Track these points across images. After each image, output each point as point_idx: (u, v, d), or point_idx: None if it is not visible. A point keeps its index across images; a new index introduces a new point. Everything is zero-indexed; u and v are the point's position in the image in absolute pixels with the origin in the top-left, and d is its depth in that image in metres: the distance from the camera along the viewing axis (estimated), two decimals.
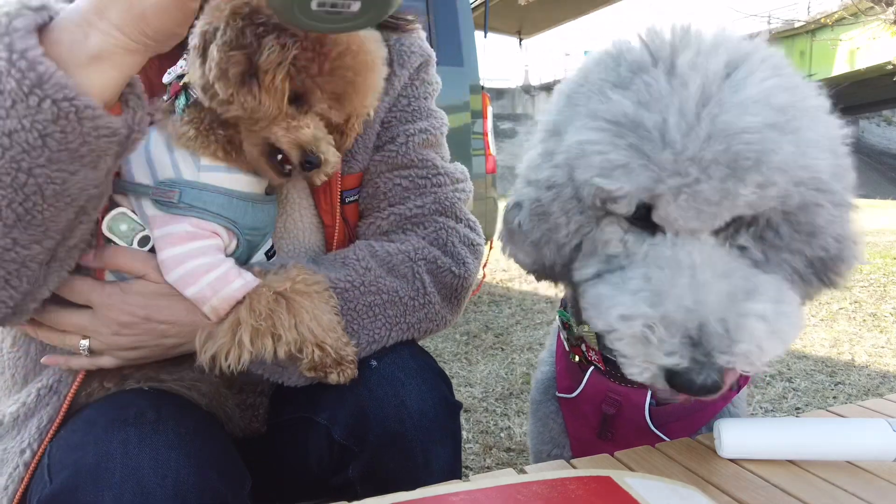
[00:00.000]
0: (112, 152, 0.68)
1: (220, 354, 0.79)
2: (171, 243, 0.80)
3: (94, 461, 0.70)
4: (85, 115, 0.62)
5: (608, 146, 0.61)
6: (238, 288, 0.80)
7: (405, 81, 1.01)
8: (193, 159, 0.82)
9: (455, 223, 1.01)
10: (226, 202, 0.83)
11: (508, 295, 4.61)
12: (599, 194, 0.63)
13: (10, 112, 0.61)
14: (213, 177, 0.82)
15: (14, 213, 0.65)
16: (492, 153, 4.17)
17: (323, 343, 0.81)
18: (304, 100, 0.78)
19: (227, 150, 0.82)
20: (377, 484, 0.87)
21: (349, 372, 0.85)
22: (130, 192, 0.82)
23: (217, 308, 0.80)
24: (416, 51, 1.02)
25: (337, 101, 0.80)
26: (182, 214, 0.80)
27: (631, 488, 0.62)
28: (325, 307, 0.84)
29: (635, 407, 0.85)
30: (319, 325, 0.81)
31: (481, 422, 2.48)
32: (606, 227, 0.68)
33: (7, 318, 0.75)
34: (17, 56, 0.60)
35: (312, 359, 0.81)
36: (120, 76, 0.67)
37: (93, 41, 0.63)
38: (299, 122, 0.78)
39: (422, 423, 0.87)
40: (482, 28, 5.05)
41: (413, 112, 1.02)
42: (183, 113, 0.81)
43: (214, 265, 0.80)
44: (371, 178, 1.01)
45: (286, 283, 0.82)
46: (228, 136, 0.81)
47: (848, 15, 14.75)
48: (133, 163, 0.82)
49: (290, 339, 0.80)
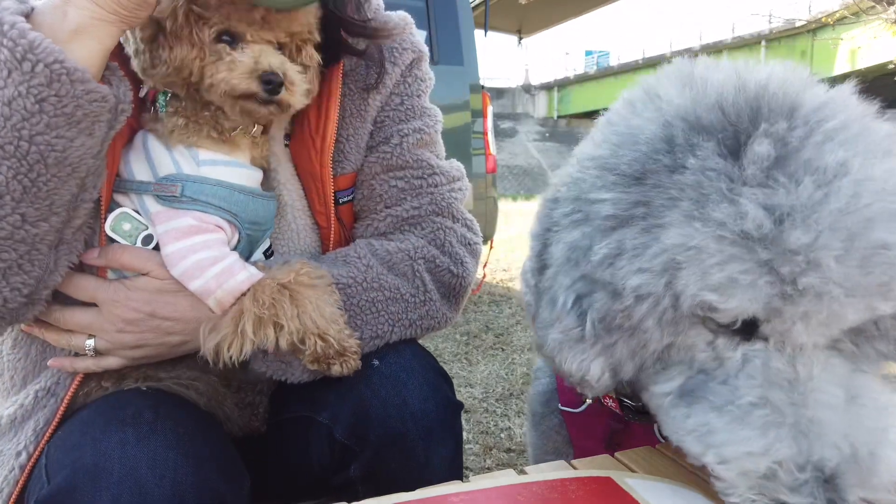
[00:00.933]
0: (104, 119, 0.72)
1: (223, 345, 0.79)
2: (175, 238, 0.80)
3: (91, 461, 0.70)
4: (76, 77, 0.67)
5: (728, 258, 0.51)
6: (243, 280, 0.81)
7: (397, 79, 1.00)
8: (192, 154, 0.83)
9: (452, 223, 1.01)
10: (227, 195, 0.83)
11: (508, 295, 4.61)
12: (702, 306, 0.54)
13: (8, 81, 0.66)
14: (212, 170, 0.83)
15: (21, 184, 0.68)
16: (492, 152, 4.17)
17: (325, 334, 0.81)
18: (234, 36, 0.80)
19: (218, 129, 0.84)
20: (378, 483, 0.87)
21: (352, 363, 0.84)
22: (132, 190, 0.83)
23: (221, 300, 0.81)
24: (407, 47, 1.01)
25: (263, 21, 0.80)
26: (185, 209, 0.81)
27: (631, 489, 0.62)
28: (329, 299, 0.84)
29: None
30: (322, 316, 0.82)
31: (481, 422, 2.48)
32: (690, 331, 0.58)
33: (21, 308, 0.76)
34: (8, 27, 0.66)
35: (315, 350, 0.81)
36: (100, 47, 0.72)
37: (71, 16, 0.70)
38: (234, 55, 0.79)
39: (423, 422, 0.87)
40: (482, 27, 5.05)
41: (406, 111, 1.00)
42: (165, 109, 0.83)
43: (219, 258, 0.81)
44: (366, 179, 1.00)
45: (290, 275, 0.82)
46: (213, 113, 0.83)
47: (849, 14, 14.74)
48: (133, 162, 0.83)
49: (293, 329, 0.80)
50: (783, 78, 0.58)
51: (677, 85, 0.62)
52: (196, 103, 0.83)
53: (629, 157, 0.59)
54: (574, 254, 0.61)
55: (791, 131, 0.54)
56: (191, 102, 0.83)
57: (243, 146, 0.87)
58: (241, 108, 0.81)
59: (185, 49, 0.78)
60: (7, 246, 0.71)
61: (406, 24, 1.02)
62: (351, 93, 0.97)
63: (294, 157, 0.98)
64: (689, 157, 0.55)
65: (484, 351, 3.34)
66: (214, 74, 0.79)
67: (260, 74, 0.78)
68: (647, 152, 0.58)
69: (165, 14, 0.77)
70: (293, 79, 0.81)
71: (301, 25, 0.84)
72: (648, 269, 0.55)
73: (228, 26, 0.79)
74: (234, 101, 0.80)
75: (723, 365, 0.58)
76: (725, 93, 0.57)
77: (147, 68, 0.80)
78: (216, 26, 0.79)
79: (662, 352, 0.60)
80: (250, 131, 0.87)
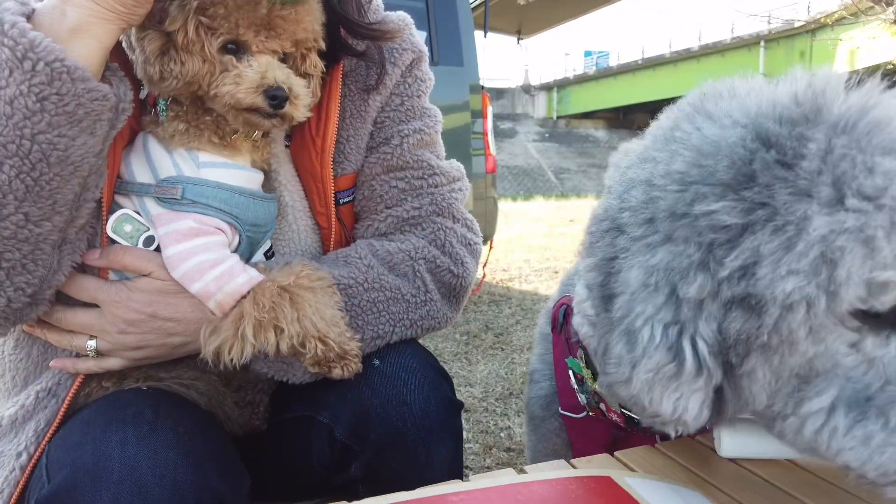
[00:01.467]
0: (106, 118, 0.72)
1: (224, 348, 0.79)
2: (175, 240, 0.80)
3: (92, 461, 0.70)
4: (76, 75, 0.67)
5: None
6: (243, 283, 0.80)
7: (397, 79, 1.00)
8: (192, 157, 0.83)
9: (452, 223, 1.01)
10: (228, 197, 0.83)
11: (508, 295, 4.61)
12: (862, 297, 0.50)
13: (9, 81, 0.66)
14: (212, 172, 0.83)
15: (23, 183, 0.69)
16: (492, 153, 4.17)
17: (325, 337, 0.81)
18: (240, 46, 0.80)
19: (219, 134, 0.84)
20: (379, 483, 0.87)
21: (353, 366, 0.84)
22: (133, 192, 0.83)
23: (222, 303, 0.81)
24: (407, 47, 1.01)
25: (269, 31, 0.80)
26: (186, 211, 0.81)
27: (631, 488, 0.62)
28: (329, 302, 0.84)
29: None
30: (322, 319, 0.81)
31: (481, 422, 2.48)
32: (830, 335, 0.52)
33: (25, 308, 0.76)
34: (9, 27, 0.66)
35: (316, 353, 0.81)
36: (99, 45, 0.72)
37: (70, 15, 0.70)
38: (240, 68, 0.78)
39: (424, 422, 0.87)
40: (482, 28, 5.05)
41: (406, 111, 1.01)
42: (165, 113, 0.83)
43: (219, 261, 0.81)
44: (366, 180, 1.00)
45: (290, 277, 0.82)
46: (215, 119, 0.83)
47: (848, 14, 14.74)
48: (134, 164, 0.83)
49: (293, 333, 0.80)
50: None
51: (730, 95, 0.61)
52: (198, 108, 0.83)
53: (725, 164, 0.55)
54: (654, 278, 0.56)
55: None
56: (192, 108, 0.83)
57: (244, 149, 0.87)
58: (245, 119, 0.81)
59: (196, 64, 0.77)
60: (11, 245, 0.71)
61: (405, 25, 1.02)
62: (351, 93, 0.97)
63: (294, 158, 0.98)
64: (805, 144, 0.52)
65: (484, 351, 3.34)
66: (220, 86, 0.78)
67: (266, 89, 0.78)
68: (743, 155, 0.54)
69: (176, 26, 0.76)
70: (298, 93, 0.81)
71: (307, 32, 0.83)
72: (798, 271, 0.49)
73: (236, 36, 0.78)
74: (238, 113, 0.80)
75: (873, 366, 0.52)
76: (795, 86, 0.56)
77: (155, 80, 0.79)
78: (223, 36, 0.78)
79: (802, 367, 0.54)
80: (251, 135, 0.87)
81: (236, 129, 0.85)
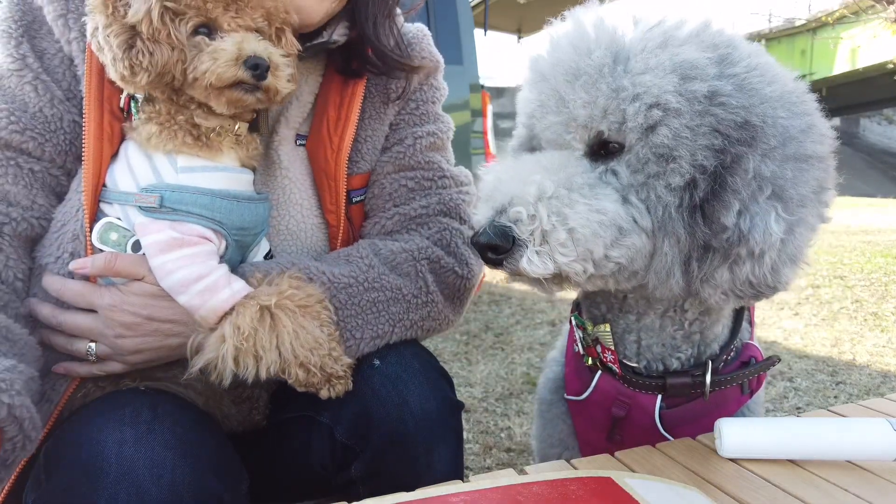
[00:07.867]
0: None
1: (209, 368, 0.79)
2: (159, 250, 0.79)
3: (89, 460, 0.70)
4: None
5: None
6: (225, 299, 0.79)
7: (415, 86, 1.04)
8: (171, 162, 0.82)
9: (459, 224, 1.01)
10: (209, 202, 0.82)
11: (508, 295, 4.61)
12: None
13: None
14: (191, 177, 0.82)
15: None
16: (492, 152, 4.16)
17: (307, 364, 0.80)
18: (211, 27, 0.78)
19: (194, 134, 0.82)
20: (380, 483, 0.87)
21: (339, 388, 0.83)
22: (117, 201, 0.82)
23: (205, 318, 0.80)
24: (426, 56, 1.05)
25: (238, 4, 0.78)
26: (166, 219, 0.80)
27: (631, 489, 0.62)
28: (313, 323, 0.82)
29: (644, 410, 0.84)
30: (303, 345, 0.80)
31: (481, 422, 2.48)
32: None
33: None
34: None
35: (297, 379, 0.81)
36: None
37: None
38: (215, 45, 0.77)
39: (425, 422, 0.87)
40: (482, 26, 5.04)
41: (421, 115, 1.04)
42: (138, 114, 0.82)
43: (203, 275, 0.79)
44: (377, 178, 1.02)
45: (274, 296, 0.80)
46: (188, 118, 0.82)
47: (849, 13, 14.74)
48: (117, 172, 0.83)
49: (271, 360, 0.78)
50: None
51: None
52: (172, 105, 0.81)
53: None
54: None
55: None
56: (166, 105, 0.81)
57: (225, 148, 0.85)
58: (228, 98, 0.79)
59: (165, 52, 0.75)
60: None
61: (424, 36, 1.07)
62: (371, 96, 1.00)
63: (309, 155, 0.98)
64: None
65: (484, 351, 3.34)
66: (198, 67, 0.76)
67: (245, 60, 0.77)
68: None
69: (139, 18, 0.74)
70: (278, 62, 0.80)
71: (275, 1, 0.82)
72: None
73: (205, 17, 0.77)
74: (220, 93, 0.79)
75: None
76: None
77: (126, 77, 0.77)
78: (192, 20, 0.76)
79: None
80: (232, 130, 0.85)
81: (213, 127, 0.83)
